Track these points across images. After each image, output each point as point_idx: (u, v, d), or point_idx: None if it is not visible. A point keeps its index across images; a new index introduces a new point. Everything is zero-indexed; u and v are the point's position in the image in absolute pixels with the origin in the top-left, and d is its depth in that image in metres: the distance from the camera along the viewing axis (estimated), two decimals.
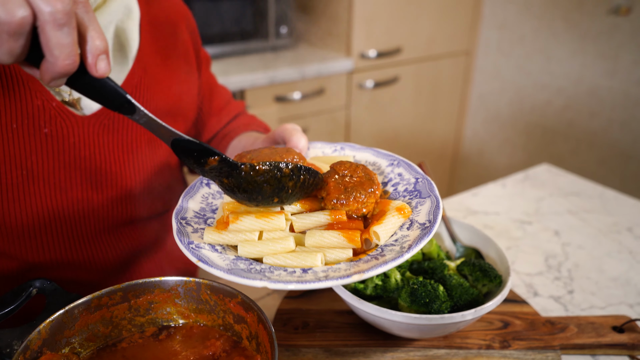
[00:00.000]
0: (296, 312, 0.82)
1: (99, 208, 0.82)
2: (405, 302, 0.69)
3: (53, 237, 0.80)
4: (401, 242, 0.58)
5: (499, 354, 0.73)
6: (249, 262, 0.58)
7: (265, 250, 0.59)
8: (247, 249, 0.59)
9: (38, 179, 0.75)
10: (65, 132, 0.75)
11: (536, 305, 0.86)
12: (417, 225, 0.60)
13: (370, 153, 0.76)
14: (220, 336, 0.63)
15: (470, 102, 2.81)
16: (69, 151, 0.76)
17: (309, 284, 0.51)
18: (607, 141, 2.25)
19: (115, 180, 0.82)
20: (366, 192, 0.62)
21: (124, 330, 0.64)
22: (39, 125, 0.72)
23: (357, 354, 0.73)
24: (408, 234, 0.59)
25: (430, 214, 0.60)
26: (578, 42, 2.24)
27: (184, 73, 0.90)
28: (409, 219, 0.62)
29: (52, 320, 0.57)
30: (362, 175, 0.64)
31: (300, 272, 0.55)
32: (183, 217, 0.65)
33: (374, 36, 2.27)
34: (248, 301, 0.60)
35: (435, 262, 0.76)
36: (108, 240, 0.86)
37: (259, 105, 2.01)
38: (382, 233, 0.59)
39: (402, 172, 0.71)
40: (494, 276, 0.73)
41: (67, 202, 0.79)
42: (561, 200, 1.22)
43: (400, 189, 0.69)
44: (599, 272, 0.95)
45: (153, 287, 0.63)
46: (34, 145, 0.73)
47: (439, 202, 0.62)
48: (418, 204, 0.64)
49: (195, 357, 0.60)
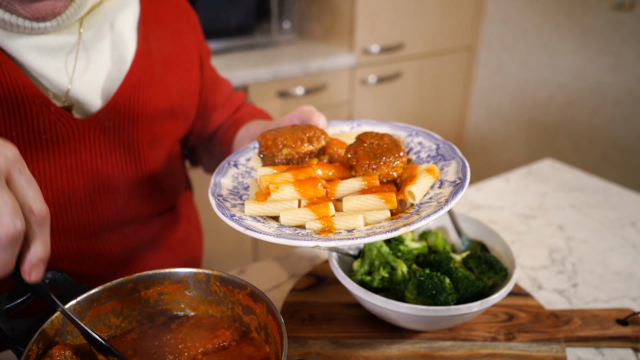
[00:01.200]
0: (303, 304, 0.82)
1: (102, 210, 0.82)
2: (412, 294, 0.70)
3: (58, 238, 0.80)
4: (436, 198, 0.60)
5: (504, 346, 0.74)
6: (293, 228, 0.60)
7: (308, 216, 0.60)
8: (289, 216, 0.61)
9: (40, 185, 0.74)
10: (65, 137, 0.74)
11: (540, 298, 0.87)
12: (448, 184, 0.62)
13: (387, 127, 0.78)
14: (229, 327, 0.64)
15: (473, 98, 2.82)
16: (70, 155, 0.76)
17: (358, 240, 0.53)
18: (610, 137, 2.25)
19: (118, 181, 0.82)
20: (395, 156, 0.64)
21: (134, 321, 0.64)
22: (38, 132, 0.72)
23: (363, 346, 0.74)
24: (441, 191, 0.61)
25: (459, 172, 0.63)
26: (581, 38, 2.24)
27: (185, 71, 0.89)
28: (438, 180, 0.64)
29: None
30: (389, 142, 0.66)
31: (346, 232, 0.57)
32: (219, 195, 0.67)
33: (377, 31, 2.26)
34: (257, 292, 0.60)
35: (441, 255, 0.77)
36: (112, 239, 0.86)
37: (262, 100, 2.02)
38: (417, 192, 0.61)
39: (422, 141, 0.73)
40: (500, 269, 0.74)
41: (70, 205, 0.78)
42: (565, 195, 1.22)
43: (423, 156, 0.71)
44: (602, 266, 0.96)
45: (163, 278, 0.64)
46: (35, 151, 0.72)
47: (465, 162, 0.64)
48: (444, 166, 0.66)
49: (205, 347, 0.61)
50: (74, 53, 0.73)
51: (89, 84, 0.75)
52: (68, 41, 0.72)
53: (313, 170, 0.66)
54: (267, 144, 0.70)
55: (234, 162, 0.75)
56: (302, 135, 0.69)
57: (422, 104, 2.61)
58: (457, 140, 2.91)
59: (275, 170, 0.67)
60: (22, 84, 0.68)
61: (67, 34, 0.72)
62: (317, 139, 0.70)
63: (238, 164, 0.75)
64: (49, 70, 0.71)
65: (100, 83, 0.77)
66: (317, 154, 0.72)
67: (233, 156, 0.77)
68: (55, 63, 0.72)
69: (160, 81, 0.84)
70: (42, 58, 0.70)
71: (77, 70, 0.74)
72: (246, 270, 0.92)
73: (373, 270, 0.75)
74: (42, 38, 0.70)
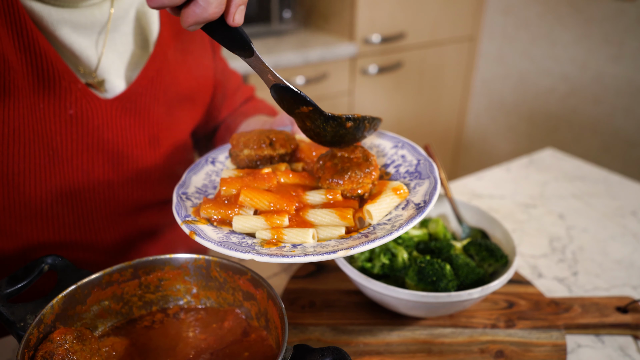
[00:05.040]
0: (303, 291, 0.82)
1: (118, 189, 0.83)
2: (413, 280, 0.70)
3: (70, 217, 0.80)
4: (393, 221, 0.58)
5: (504, 332, 0.74)
6: (242, 236, 0.60)
7: (260, 224, 0.60)
8: (241, 222, 0.60)
9: (63, 160, 0.75)
10: (89, 114, 0.75)
11: (541, 286, 0.87)
12: (412, 206, 0.60)
13: (374, 135, 0.76)
14: (230, 314, 0.64)
15: (474, 88, 2.80)
16: (93, 133, 0.77)
17: (295, 258, 0.52)
18: (611, 128, 2.24)
19: (135, 162, 0.83)
20: (362, 172, 0.62)
21: (134, 307, 0.64)
22: (64, 107, 0.73)
23: (363, 333, 0.74)
24: (402, 213, 0.59)
25: (427, 194, 0.60)
26: (583, 28, 2.23)
27: (201, 57, 0.91)
28: (405, 200, 0.62)
29: (65, 295, 0.57)
30: (360, 156, 0.64)
31: (290, 247, 0.57)
32: (184, 192, 0.67)
33: (378, 21, 2.25)
34: (258, 278, 0.60)
35: (441, 242, 0.77)
36: (123, 221, 0.87)
37: (261, 90, 1.99)
38: (375, 212, 0.60)
39: (405, 154, 0.71)
40: (500, 256, 0.74)
41: (88, 184, 0.80)
42: (566, 184, 1.22)
43: (402, 170, 0.69)
44: (603, 254, 0.96)
45: (163, 264, 0.64)
46: (60, 126, 0.73)
47: (437, 183, 0.61)
48: (417, 185, 0.64)
49: (209, 340, 0.61)
50: (104, 33, 0.75)
51: (114, 64, 0.77)
52: (99, 19, 0.73)
53: (275, 177, 0.65)
54: (233, 143, 0.71)
55: (212, 159, 0.74)
56: (266, 139, 0.69)
57: (423, 94, 2.60)
58: (458, 130, 2.91)
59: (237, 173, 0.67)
60: (54, 59, 0.69)
61: (98, 12, 0.73)
62: (283, 144, 0.70)
63: (216, 161, 0.74)
64: (80, 47, 0.72)
65: (124, 65, 0.79)
66: (290, 160, 0.71)
67: (213, 152, 0.77)
68: (86, 40, 0.73)
69: (180, 66, 0.86)
70: (74, 34, 0.71)
71: (106, 50, 0.76)
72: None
73: (373, 257, 0.75)
74: (76, 14, 0.70)
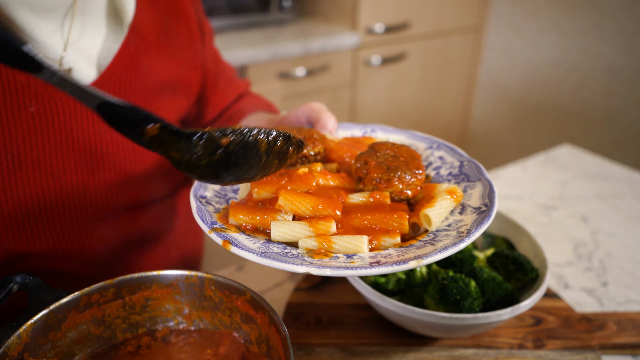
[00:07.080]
0: (308, 306, 0.75)
1: (95, 193, 0.74)
2: (433, 299, 0.62)
3: (44, 226, 0.72)
4: (456, 226, 0.51)
5: (533, 354, 0.67)
6: (282, 246, 0.51)
7: (303, 231, 0.51)
8: (282, 229, 0.51)
9: (26, 163, 0.66)
10: (54, 111, 0.66)
11: (568, 298, 0.79)
12: (471, 210, 0.53)
13: (405, 136, 0.69)
14: (227, 338, 0.56)
15: (479, 80, 2.72)
16: (60, 132, 0.68)
17: (360, 270, 0.44)
18: (623, 121, 2.16)
19: (112, 161, 0.74)
20: (412, 172, 0.55)
21: (117, 331, 0.57)
22: (24, 104, 0.64)
23: (376, 354, 0.67)
24: (462, 218, 0.52)
25: (485, 197, 0.54)
26: (594, 17, 2.14)
27: (186, 42, 0.81)
28: (460, 204, 0.55)
29: (35, 322, 0.49)
30: (407, 154, 0.57)
31: (345, 257, 0.48)
32: (203, 196, 0.58)
33: (382, 10, 2.16)
34: (258, 299, 0.52)
35: (463, 253, 0.69)
36: (104, 229, 0.78)
37: (261, 81, 1.92)
38: (435, 216, 0.52)
39: (444, 156, 0.64)
40: (530, 269, 0.66)
41: (60, 189, 0.71)
42: (587, 183, 1.14)
43: (444, 173, 0.62)
44: (633, 262, 0.88)
45: (150, 282, 0.56)
46: (20, 126, 0.64)
47: (492, 186, 0.55)
48: (467, 187, 0.58)
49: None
50: (70, 16, 0.65)
51: (84, 51, 0.67)
52: (64, 0, 0.64)
53: (314, 179, 0.56)
54: None
55: None
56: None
57: (428, 85, 2.52)
58: (463, 123, 2.82)
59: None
60: None
61: None
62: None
63: None
64: (42, 33, 0.63)
65: (96, 51, 0.69)
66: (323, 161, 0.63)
67: None
68: (49, 25, 0.63)
69: (160, 52, 0.76)
70: (35, 19, 0.62)
71: (73, 35, 0.66)
72: (245, 266, 0.84)
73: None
74: None
